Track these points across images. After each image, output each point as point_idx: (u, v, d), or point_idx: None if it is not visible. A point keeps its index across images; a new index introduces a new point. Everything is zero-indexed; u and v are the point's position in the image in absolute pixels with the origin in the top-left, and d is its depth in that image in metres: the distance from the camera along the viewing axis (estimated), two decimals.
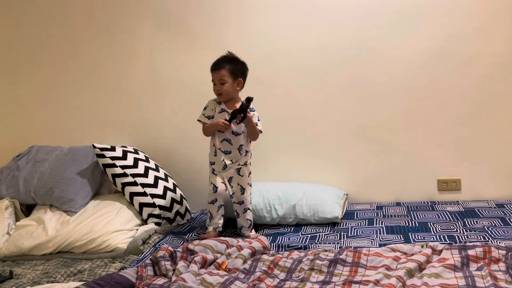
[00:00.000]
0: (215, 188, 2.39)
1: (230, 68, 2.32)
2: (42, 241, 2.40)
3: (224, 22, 2.91)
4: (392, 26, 2.74)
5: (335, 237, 2.27)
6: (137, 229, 2.50)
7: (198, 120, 2.43)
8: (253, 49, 2.88)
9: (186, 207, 2.77)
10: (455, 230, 2.21)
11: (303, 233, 2.38)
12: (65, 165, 2.76)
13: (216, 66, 2.35)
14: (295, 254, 1.98)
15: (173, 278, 1.72)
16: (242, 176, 2.41)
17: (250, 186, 2.46)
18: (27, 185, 2.72)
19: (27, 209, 2.79)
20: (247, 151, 2.42)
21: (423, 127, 2.77)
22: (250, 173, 2.45)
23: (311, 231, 2.39)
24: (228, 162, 2.39)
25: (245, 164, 2.42)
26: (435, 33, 2.70)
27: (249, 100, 2.24)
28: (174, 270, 1.83)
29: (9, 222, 2.60)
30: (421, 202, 2.75)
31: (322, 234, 2.32)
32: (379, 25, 2.75)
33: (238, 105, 2.32)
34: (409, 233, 2.21)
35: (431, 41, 2.71)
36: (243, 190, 2.41)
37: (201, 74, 2.95)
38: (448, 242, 2.04)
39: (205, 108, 2.42)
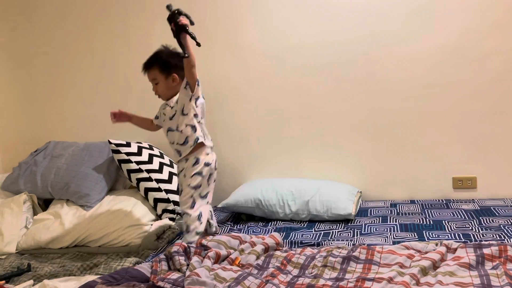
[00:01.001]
0: None
1: (159, 66, 2.11)
2: (59, 234, 2.44)
3: (239, 19, 2.92)
4: (406, 22, 2.71)
5: (348, 234, 2.26)
6: (152, 224, 2.53)
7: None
8: (268, 45, 2.89)
9: None
10: (470, 228, 2.19)
11: (316, 229, 2.37)
12: (81, 161, 2.80)
13: (145, 67, 2.15)
14: (308, 250, 1.99)
15: (187, 273, 1.73)
16: (185, 176, 2.13)
17: (194, 188, 2.11)
18: (44, 180, 2.77)
19: (44, 204, 2.84)
20: (189, 138, 2.11)
21: (438, 124, 2.74)
22: (195, 173, 2.11)
23: (324, 228, 2.39)
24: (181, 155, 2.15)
25: (187, 160, 2.13)
26: (451, 29, 2.66)
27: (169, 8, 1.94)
28: (188, 265, 1.84)
29: (27, 216, 2.65)
30: (436, 200, 2.73)
31: (335, 231, 2.32)
32: (393, 22, 2.72)
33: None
34: (424, 231, 2.19)
35: (447, 37, 2.67)
36: (181, 192, 2.15)
37: (216, 71, 2.97)
38: (463, 240, 2.02)
39: None
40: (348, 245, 2.08)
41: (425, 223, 2.31)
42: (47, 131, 3.24)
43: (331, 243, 2.13)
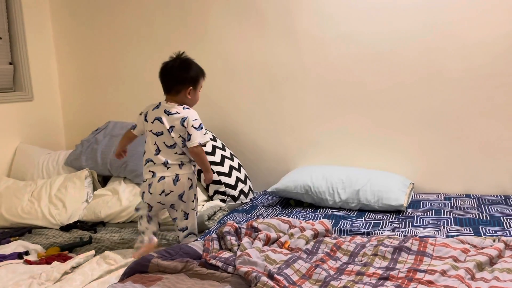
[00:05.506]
0: None
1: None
2: (117, 210, 2.58)
3: (295, 5, 2.90)
4: (471, 7, 2.58)
5: (399, 225, 2.23)
6: (203, 205, 2.60)
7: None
8: (323, 32, 2.86)
9: (249, 187, 2.84)
10: None
11: (366, 219, 2.36)
12: (138, 141, 2.90)
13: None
14: (358, 238, 1.98)
15: (238, 253, 1.78)
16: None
17: (193, 209, 2.20)
18: (104, 158, 2.92)
19: (103, 180, 2.99)
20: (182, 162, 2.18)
21: (499, 116, 2.61)
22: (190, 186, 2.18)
23: (374, 218, 2.36)
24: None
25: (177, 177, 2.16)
26: None
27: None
28: (238, 245, 1.89)
29: (88, 191, 2.81)
30: (494, 195, 2.62)
31: (386, 222, 2.29)
32: (456, 7, 2.61)
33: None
34: (480, 227, 2.12)
35: None
36: (187, 215, 2.20)
37: (270, 58, 2.98)
38: None
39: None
40: (400, 236, 2.05)
41: (481, 218, 2.23)
42: (107, 112, 3.40)
43: (382, 233, 2.11)
